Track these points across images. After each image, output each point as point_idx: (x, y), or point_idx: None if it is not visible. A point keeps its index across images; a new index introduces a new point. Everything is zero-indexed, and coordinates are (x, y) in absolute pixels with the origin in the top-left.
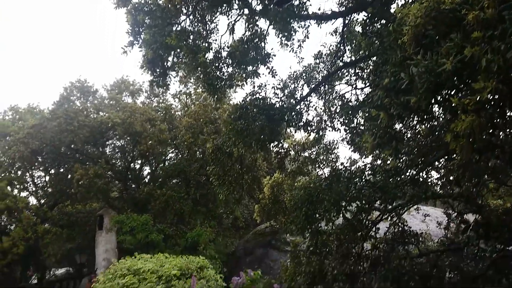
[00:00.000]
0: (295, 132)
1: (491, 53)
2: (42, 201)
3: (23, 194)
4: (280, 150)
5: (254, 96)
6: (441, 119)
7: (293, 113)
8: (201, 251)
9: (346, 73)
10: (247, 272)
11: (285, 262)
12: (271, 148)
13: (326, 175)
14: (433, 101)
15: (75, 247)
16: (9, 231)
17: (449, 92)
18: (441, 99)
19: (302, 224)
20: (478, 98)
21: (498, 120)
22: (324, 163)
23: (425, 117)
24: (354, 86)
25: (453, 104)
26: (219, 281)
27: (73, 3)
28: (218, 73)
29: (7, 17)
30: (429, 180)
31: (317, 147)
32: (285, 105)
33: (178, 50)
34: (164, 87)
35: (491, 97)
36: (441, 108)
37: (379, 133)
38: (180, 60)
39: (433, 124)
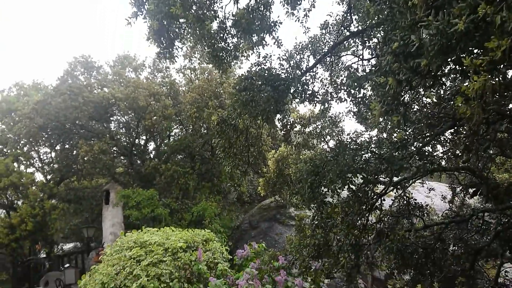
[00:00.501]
0: (301, 103)
1: (506, 10)
2: (49, 177)
3: (29, 170)
4: (285, 123)
5: (260, 67)
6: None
7: (298, 85)
8: (207, 225)
9: (353, 43)
10: (252, 245)
11: (290, 235)
12: (277, 121)
13: (332, 148)
14: (444, 64)
15: (82, 221)
16: (17, 206)
17: (460, 54)
18: (452, 61)
19: (307, 195)
20: (491, 58)
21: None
22: (329, 136)
23: (435, 82)
24: (361, 56)
25: (465, 66)
26: (225, 254)
27: None
28: (223, 44)
29: None
30: (435, 153)
31: (322, 120)
32: (290, 76)
33: (183, 20)
34: (171, 59)
35: (505, 57)
36: (451, 72)
37: (387, 100)
38: (185, 30)
39: (441, 95)
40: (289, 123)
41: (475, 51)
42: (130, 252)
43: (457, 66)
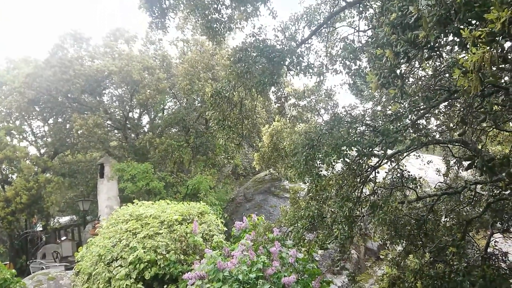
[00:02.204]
0: (296, 75)
1: None
2: (42, 151)
3: (23, 144)
4: (280, 96)
5: (254, 38)
6: (446, 61)
7: (293, 57)
8: (202, 198)
9: (349, 14)
10: (251, 217)
11: (284, 207)
12: (271, 94)
13: (327, 121)
14: (442, 36)
15: (78, 195)
16: (11, 180)
17: (459, 25)
18: (450, 33)
19: (302, 168)
20: (490, 30)
21: (510, 53)
22: (324, 110)
23: (432, 54)
24: (357, 28)
25: (463, 37)
26: (220, 226)
27: None
28: (217, 15)
29: None
30: (430, 126)
31: (316, 94)
32: (285, 48)
33: None
34: (163, 29)
35: (504, 28)
36: (449, 44)
37: (384, 72)
38: (178, 0)
39: (436, 67)
40: (284, 96)
41: (474, 22)
42: (126, 225)
43: (455, 38)
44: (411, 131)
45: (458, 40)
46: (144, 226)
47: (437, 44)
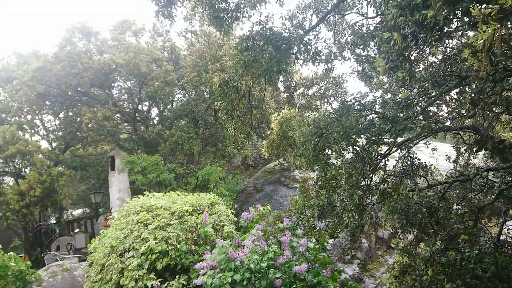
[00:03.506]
0: (304, 64)
1: None
2: (54, 145)
3: (34, 138)
4: (288, 84)
5: (261, 26)
6: (455, 46)
7: (301, 44)
8: (212, 189)
9: (357, 1)
10: (257, 207)
11: (294, 196)
12: (279, 83)
13: (336, 109)
14: (451, 15)
15: (89, 188)
16: (25, 174)
17: (468, 4)
18: (459, 12)
19: (311, 157)
20: (501, 7)
21: None
22: (332, 97)
23: (441, 36)
24: (365, 15)
25: (473, 16)
26: (230, 216)
27: None
28: (224, 4)
29: None
30: (441, 114)
31: (325, 81)
32: (293, 36)
33: None
34: (170, 18)
35: None
36: (459, 24)
37: (392, 56)
38: None
39: (446, 53)
40: (292, 85)
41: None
42: (138, 216)
43: (465, 18)
44: (421, 118)
45: (467, 19)
46: (155, 217)
47: (446, 26)
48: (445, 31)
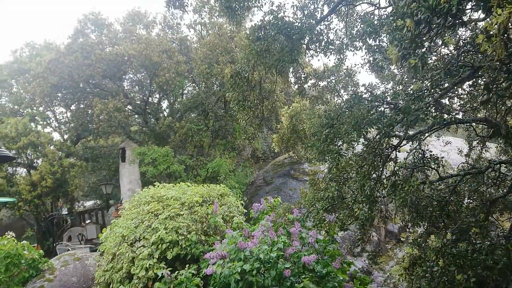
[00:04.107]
0: (316, 54)
1: None
2: (65, 137)
3: (46, 130)
4: (299, 76)
5: (273, 15)
6: (469, 36)
7: (312, 34)
8: (222, 181)
9: None
10: (268, 199)
11: (304, 189)
12: (290, 75)
13: (347, 99)
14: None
15: (100, 179)
16: (37, 165)
17: None
18: None
19: (322, 148)
20: None
21: None
22: (344, 90)
23: (455, 22)
24: (377, 5)
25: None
26: (240, 208)
27: None
28: None
29: None
30: (453, 105)
31: (336, 74)
32: (304, 26)
33: None
34: (182, 8)
35: None
36: (472, 10)
37: (404, 43)
38: None
39: (459, 45)
40: (303, 76)
41: None
42: (148, 207)
43: (479, 2)
44: (433, 110)
45: (482, 4)
46: (166, 208)
47: (460, 9)
48: (458, 16)
